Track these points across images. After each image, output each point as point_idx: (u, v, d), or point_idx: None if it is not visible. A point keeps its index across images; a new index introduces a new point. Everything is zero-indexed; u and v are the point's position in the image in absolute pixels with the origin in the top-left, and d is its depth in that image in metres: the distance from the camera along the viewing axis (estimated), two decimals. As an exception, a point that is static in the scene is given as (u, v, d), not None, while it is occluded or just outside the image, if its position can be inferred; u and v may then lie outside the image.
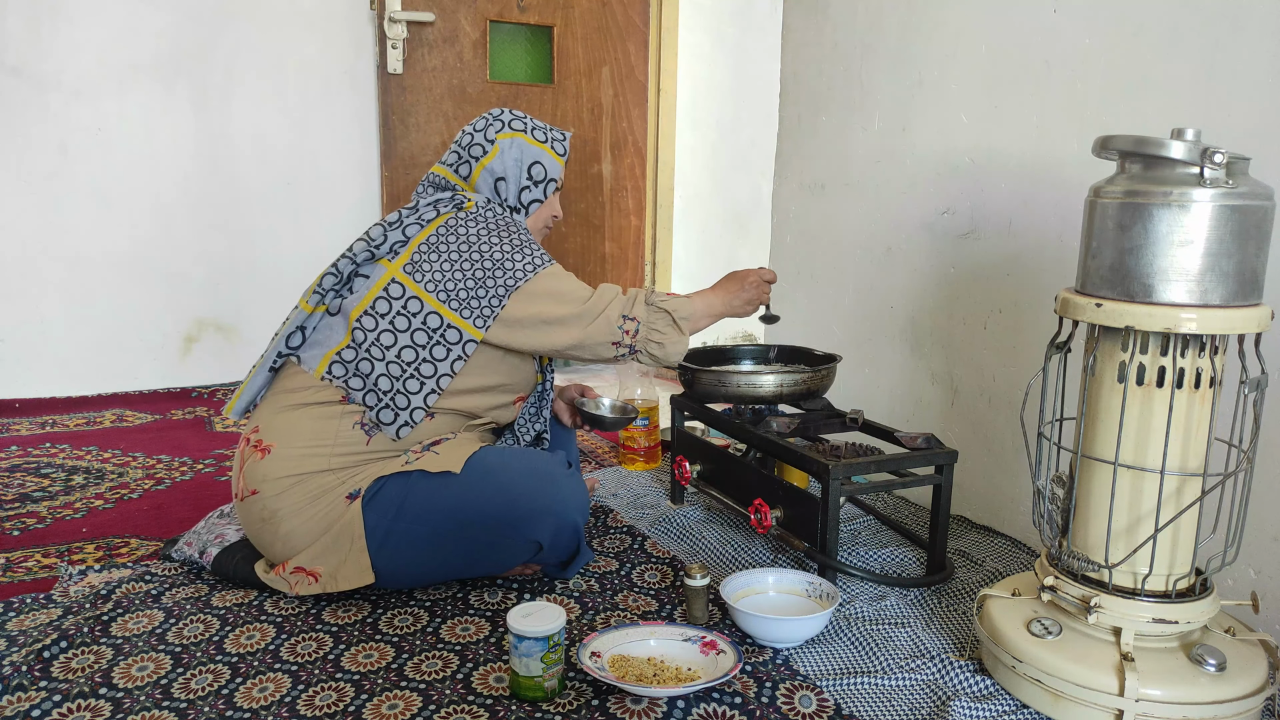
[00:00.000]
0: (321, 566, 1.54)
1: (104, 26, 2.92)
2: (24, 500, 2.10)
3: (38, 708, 1.25)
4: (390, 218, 1.65)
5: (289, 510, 1.53)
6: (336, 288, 1.62)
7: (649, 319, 1.63)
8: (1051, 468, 1.39)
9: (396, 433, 1.58)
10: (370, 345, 1.57)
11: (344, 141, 3.26)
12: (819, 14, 2.42)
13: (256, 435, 1.59)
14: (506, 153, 1.71)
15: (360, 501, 1.52)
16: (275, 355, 1.62)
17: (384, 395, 1.57)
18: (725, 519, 2.02)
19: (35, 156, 2.91)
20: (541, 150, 1.73)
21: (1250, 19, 1.48)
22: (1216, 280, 1.18)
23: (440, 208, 1.65)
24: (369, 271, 1.62)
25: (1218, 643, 1.29)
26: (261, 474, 1.55)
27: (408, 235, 1.62)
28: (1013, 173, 1.91)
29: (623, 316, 1.62)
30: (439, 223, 1.62)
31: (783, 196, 2.62)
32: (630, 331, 1.62)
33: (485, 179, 1.72)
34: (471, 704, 1.29)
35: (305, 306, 1.61)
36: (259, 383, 1.65)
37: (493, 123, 1.73)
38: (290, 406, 1.58)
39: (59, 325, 3.01)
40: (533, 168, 1.73)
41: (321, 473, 1.55)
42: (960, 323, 2.07)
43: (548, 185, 1.75)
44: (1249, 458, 1.26)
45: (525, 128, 1.74)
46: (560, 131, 1.79)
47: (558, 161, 1.76)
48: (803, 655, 1.45)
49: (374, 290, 1.59)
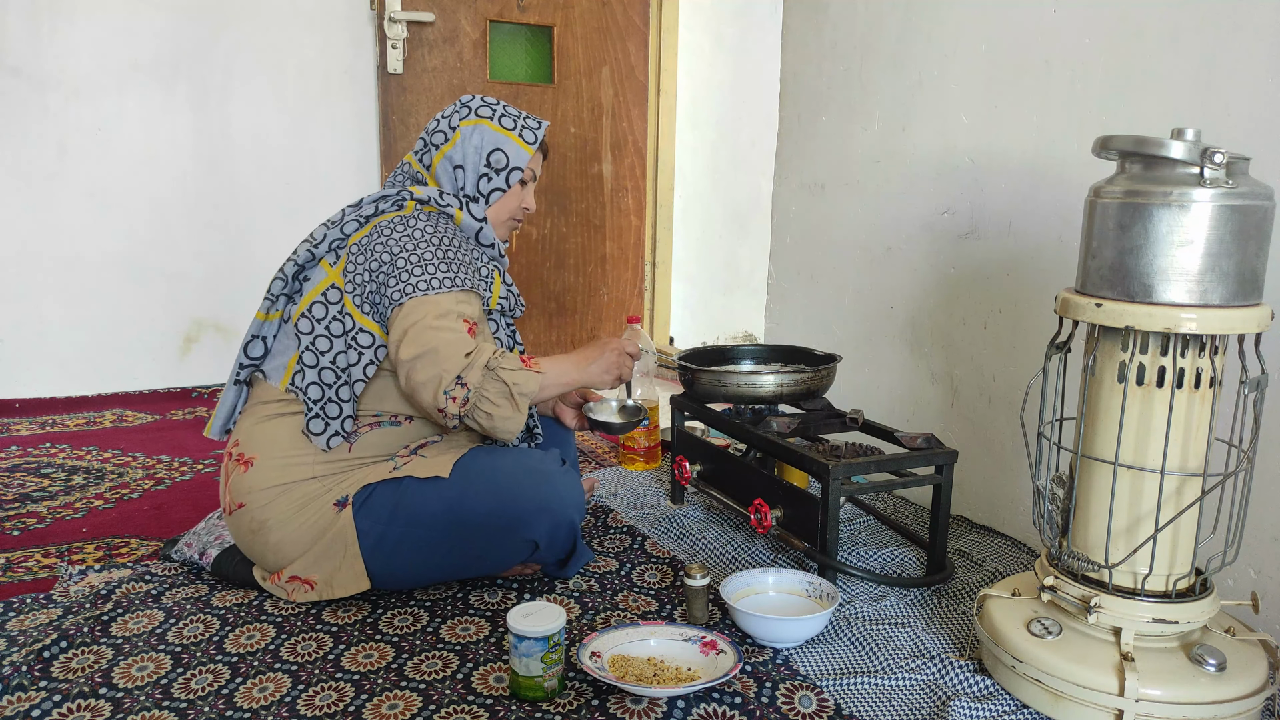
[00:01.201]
0: (316, 575, 1.54)
1: (103, 26, 2.92)
2: (24, 500, 2.10)
3: (38, 708, 1.25)
4: (333, 216, 1.63)
5: (277, 521, 1.53)
6: (286, 292, 1.60)
7: (481, 386, 1.48)
8: (1051, 468, 1.39)
9: (326, 443, 1.53)
10: (304, 350, 1.55)
11: (343, 141, 3.26)
12: (819, 14, 2.42)
13: (238, 449, 1.58)
14: (467, 139, 1.65)
15: (350, 509, 1.52)
16: (238, 368, 1.62)
17: (314, 404, 1.54)
18: (725, 519, 2.02)
19: (34, 156, 2.91)
20: (505, 137, 1.66)
21: (1250, 19, 1.48)
22: (1216, 280, 1.18)
23: (381, 205, 1.60)
24: (311, 273, 1.59)
25: (1218, 643, 1.29)
26: (246, 486, 1.54)
27: (345, 234, 1.59)
28: (1013, 173, 1.91)
29: (456, 380, 1.47)
30: (375, 224, 1.57)
31: (783, 196, 2.62)
32: (458, 399, 1.47)
33: (444, 166, 1.66)
34: (471, 704, 1.29)
35: (259, 315, 1.60)
36: (231, 399, 1.64)
37: (460, 109, 1.68)
38: (267, 417, 1.58)
39: (59, 325, 3.01)
40: (492, 155, 1.66)
41: (306, 481, 1.54)
42: (960, 323, 2.07)
43: (510, 174, 1.67)
44: (1249, 458, 1.26)
45: (492, 114, 1.67)
46: (536, 120, 1.71)
47: (525, 150, 1.68)
48: (803, 655, 1.45)
49: (312, 294, 1.57)
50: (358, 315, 1.55)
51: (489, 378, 1.49)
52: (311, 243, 1.59)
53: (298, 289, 1.60)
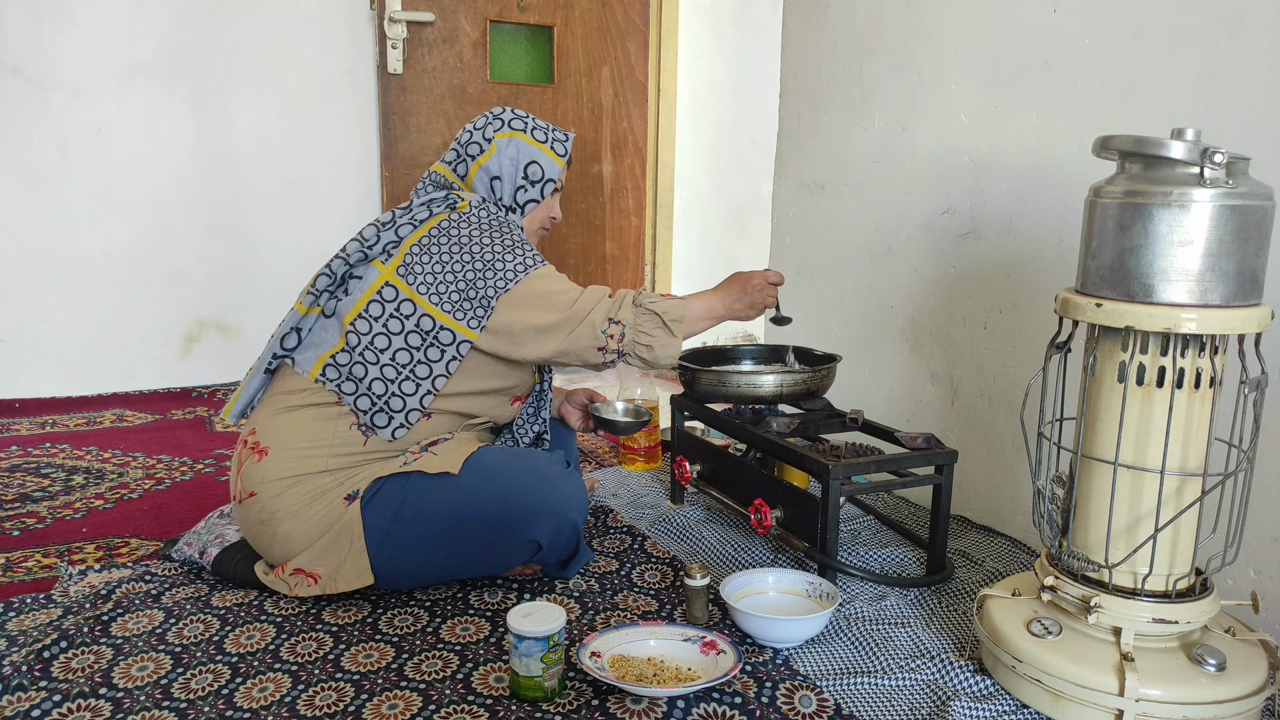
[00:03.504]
0: (321, 568, 1.54)
1: (104, 26, 2.92)
2: (24, 500, 2.10)
3: (38, 708, 1.25)
4: (384, 217, 1.65)
5: (287, 512, 1.53)
6: (330, 289, 1.62)
7: (636, 321, 1.59)
8: (1051, 468, 1.39)
9: (392, 434, 1.58)
10: (364, 349, 1.57)
11: (344, 141, 3.26)
12: (819, 14, 2.42)
13: (254, 437, 1.59)
14: (503, 151, 1.70)
15: (359, 502, 1.52)
16: (270, 357, 1.62)
17: (378, 399, 1.57)
18: (725, 519, 2.02)
19: (35, 156, 2.91)
20: (539, 150, 1.72)
21: (1250, 19, 1.48)
22: (1216, 280, 1.18)
23: (434, 208, 1.64)
24: (362, 273, 1.61)
25: (1218, 643, 1.29)
26: (259, 476, 1.55)
27: (400, 236, 1.62)
28: (1013, 173, 1.91)
29: (608, 320, 1.57)
30: (432, 224, 1.61)
31: (783, 196, 2.62)
32: (615, 336, 1.57)
33: (481, 178, 1.71)
34: (471, 704, 1.29)
35: (300, 308, 1.61)
36: (256, 385, 1.65)
37: (492, 121, 1.72)
38: (287, 408, 1.58)
39: (59, 325, 3.01)
40: (529, 167, 1.71)
41: (319, 474, 1.55)
42: (960, 323, 2.07)
43: (545, 185, 1.73)
44: (1249, 458, 1.26)
45: (525, 127, 1.72)
46: (563, 132, 1.77)
47: (557, 162, 1.74)
48: (803, 655, 1.45)
49: (367, 293, 1.59)
50: (438, 314, 1.57)
51: (640, 313, 1.59)
52: (363, 242, 1.61)
53: (344, 287, 1.62)
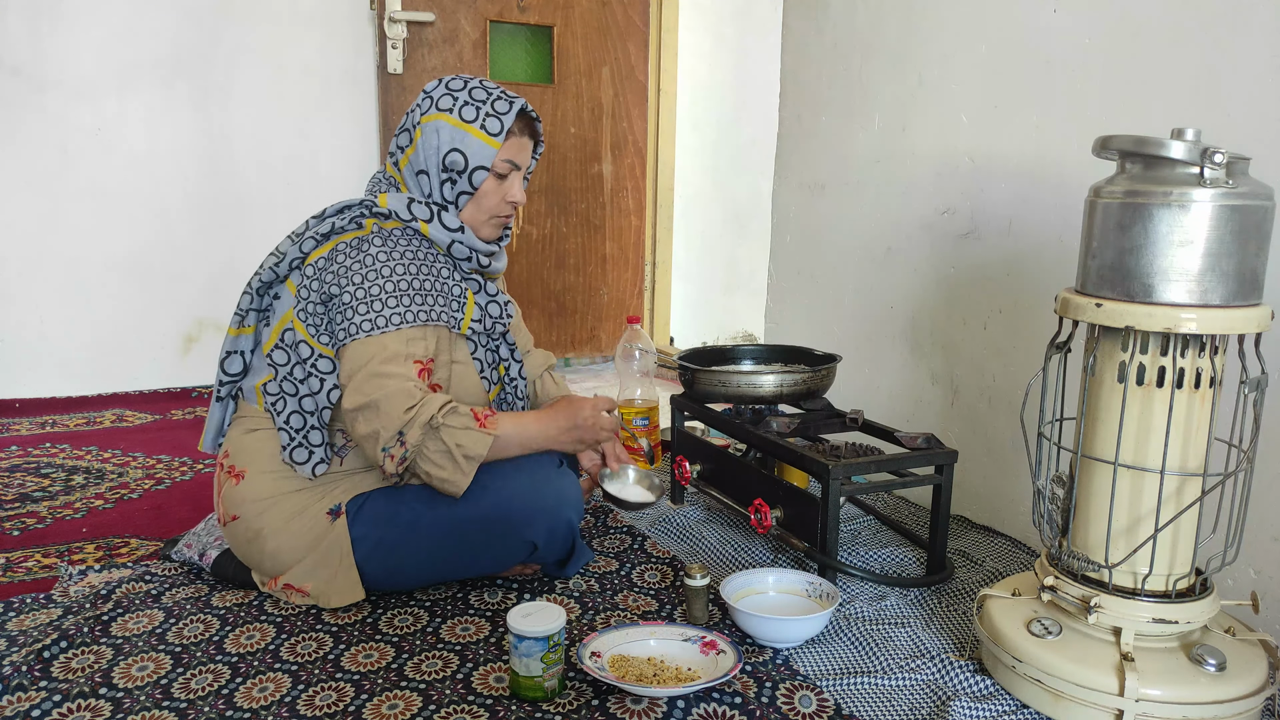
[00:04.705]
0: (310, 584, 1.53)
1: (104, 26, 2.92)
2: (24, 500, 2.10)
3: (38, 708, 1.25)
4: (298, 228, 1.57)
5: (272, 529, 1.52)
6: (255, 308, 1.56)
7: (422, 445, 1.41)
8: (1051, 468, 1.39)
9: (312, 471, 1.51)
10: (283, 379, 1.53)
11: (344, 142, 3.26)
12: (819, 14, 2.42)
13: (229, 460, 1.58)
14: (426, 140, 1.51)
15: (344, 518, 1.52)
16: (219, 385, 1.61)
17: (297, 433, 1.52)
18: (725, 519, 2.02)
19: (35, 157, 2.91)
20: (465, 133, 1.50)
21: (1250, 19, 1.48)
22: (1216, 280, 1.18)
23: (338, 222, 1.51)
24: (279, 291, 1.56)
25: (1218, 643, 1.29)
26: (239, 498, 1.54)
27: (304, 252, 1.52)
28: (1013, 173, 1.91)
29: (396, 438, 1.40)
30: (329, 246, 1.51)
31: (783, 196, 2.62)
32: (396, 457, 1.41)
33: (409, 173, 1.56)
34: (471, 704, 1.29)
35: (231, 330, 1.58)
36: (217, 415, 1.63)
37: (421, 102, 1.54)
38: (254, 429, 1.58)
39: (59, 325, 3.01)
40: (448, 158, 1.51)
41: (297, 491, 1.54)
42: (960, 323, 2.07)
43: (473, 175, 1.52)
44: (1249, 458, 1.26)
45: (453, 105, 1.51)
46: (506, 102, 1.52)
47: (488, 144, 1.51)
48: (803, 655, 1.45)
49: (278, 326, 1.54)
50: (313, 342, 1.51)
51: (430, 436, 1.41)
52: (277, 257, 1.53)
53: (267, 306, 1.57)
